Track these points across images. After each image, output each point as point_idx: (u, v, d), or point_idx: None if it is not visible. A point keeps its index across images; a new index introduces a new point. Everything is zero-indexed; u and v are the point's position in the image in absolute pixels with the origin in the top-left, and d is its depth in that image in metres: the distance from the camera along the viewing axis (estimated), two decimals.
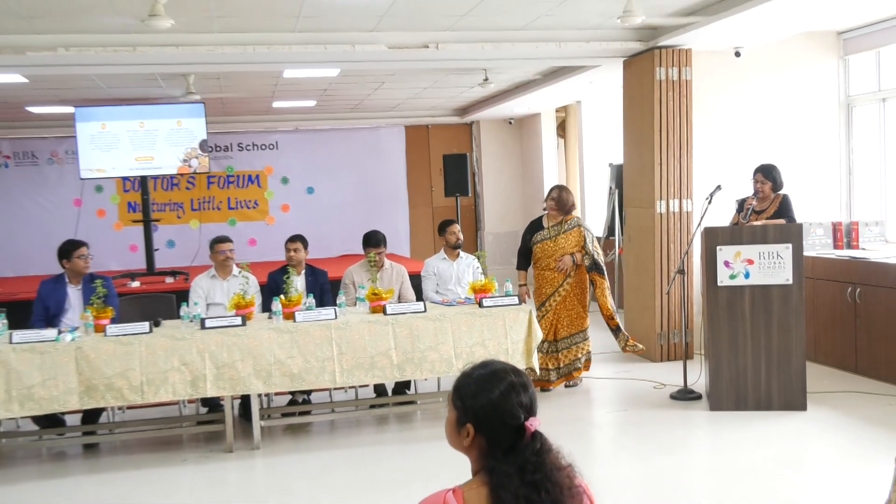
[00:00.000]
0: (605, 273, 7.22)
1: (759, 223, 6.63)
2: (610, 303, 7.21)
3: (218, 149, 13.85)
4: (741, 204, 6.97)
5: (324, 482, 5.24)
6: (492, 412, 1.94)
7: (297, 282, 6.66)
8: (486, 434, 1.95)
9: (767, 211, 6.92)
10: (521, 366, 6.19)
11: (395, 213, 14.68)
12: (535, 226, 7.38)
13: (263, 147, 14.30)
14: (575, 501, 1.98)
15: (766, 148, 8.26)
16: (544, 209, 7.38)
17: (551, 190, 7.40)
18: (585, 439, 6.06)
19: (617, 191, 10.52)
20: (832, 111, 8.75)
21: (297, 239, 6.92)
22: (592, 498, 2.06)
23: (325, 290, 6.88)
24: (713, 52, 8.28)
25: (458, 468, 2.11)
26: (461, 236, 7.44)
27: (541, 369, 6.98)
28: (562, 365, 7.17)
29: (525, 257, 7.40)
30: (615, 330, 7.31)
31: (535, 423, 1.95)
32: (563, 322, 7.16)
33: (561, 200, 7.21)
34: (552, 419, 6.41)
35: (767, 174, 6.93)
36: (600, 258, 7.20)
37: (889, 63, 8.27)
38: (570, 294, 7.16)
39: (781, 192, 6.97)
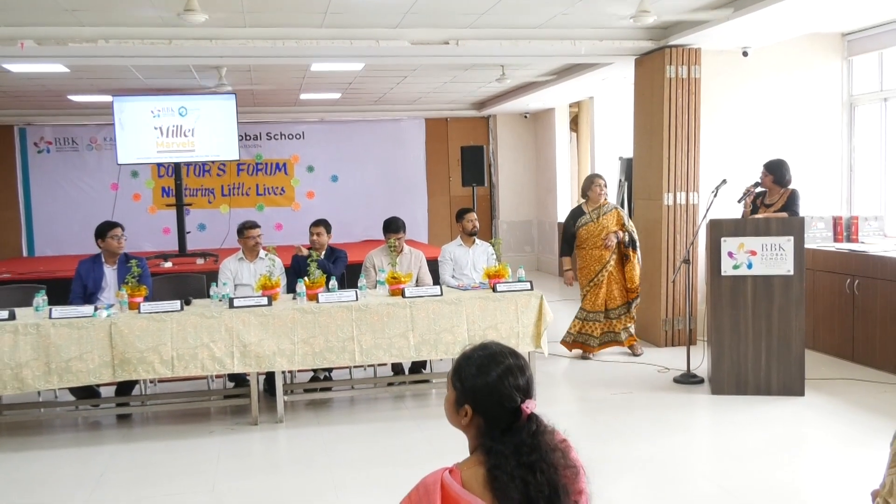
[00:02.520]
0: (638, 249, 7.68)
1: (762, 216, 6.58)
2: (637, 276, 7.65)
3: (248, 138, 13.88)
4: (746, 191, 6.87)
5: (343, 454, 5.26)
6: (489, 394, 1.92)
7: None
8: (483, 415, 1.93)
9: (776, 204, 6.86)
10: (531, 348, 6.20)
11: (415, 201, 14.69)
12: (577, 213, 7.67)
13: (291, 137, 14.33)
14: (570, 480, 1.96)
15: (771, 144, 8.19)
16: (584, 200, 7.71)
17: (598, 178, 7.68)
18: (591, 419, 6.05)
19: (626, 183, 10.49)
20: (835, 110, 8.67)
21: (321, 223, 6.94)
22: (585, 475, 2.06)
23: (339, 259, 6.91)
24: (721, 52, 8.21)
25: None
26: (477, 224, 7.43)
27: (585, 335, 7.63)
28: (603, 332, 7.61)
29: (569, 244, 7.68)
30: (629, 303, 7.64)
31: (530, 406, 1.94)
32: (614, 293, 7.54)
33: (606, 187, 7.70)
34: (559, 399, 6.42)
35: (770, 168, 6.88)
36: (636, 235, 7.65)
37: (891, 64, 8.19)
38: (615, 269, 7.57)
39: (791, 186, 6.90)
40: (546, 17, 7.29)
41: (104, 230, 6.46)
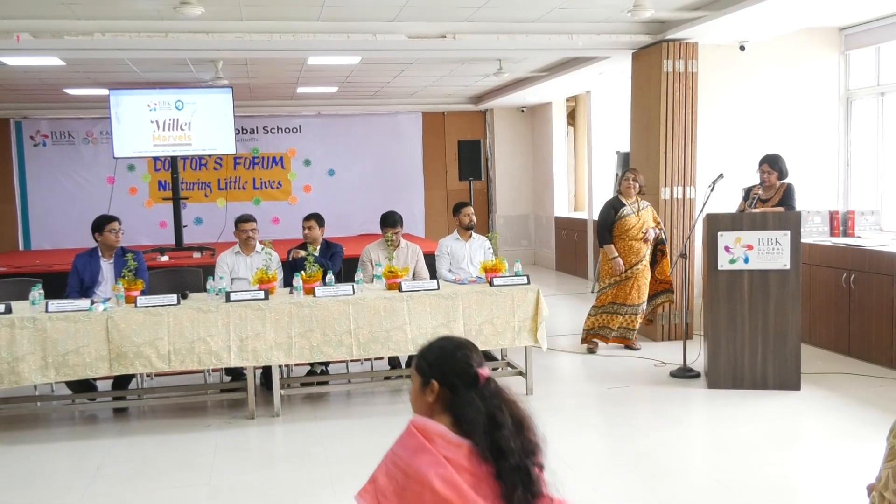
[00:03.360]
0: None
1: (758, 211, 6.59)
2: (668, 270, 7.68)
3: (244, 131, 13.86)
4: (748, 192, 6.92)
5: (339, 448, 5.26)
6: (453, 366, 2.18)
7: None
8: (449, 386, 2.16)
9: (772, 199, 6.87)
10: (529, 342, 6.20)
11: (412, 195, 14.69)
12: (617, 204, 7.61)
13: (287, 130, 14.31)
14: (531, 427, 2.20)
15: (768, 139, 8.19)
16: (619, 191, 7.71)
17: (633, 172, 7.65)
18: (588, 413, 6.06)
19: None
20: (832, 104, 8.66)
21: (312, 217, 6.96)
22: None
23: (336, 253, 6.92)
24: (718, 46, 8.20)
25: None
26: (474, 218, 7.42)
27: (603, 327, 7.65)
28: (621, 326, 7.62)
29: (610, 232, 7.58)
30: (663, 293, 7.73)
31: (486, 371, 2.19)
32: (641, 289, 7.56)
33: (643, 181, 7.65)
34: (556, 393, 6.43)
35: (773, 164, 6.89)
36: (664, 232, 7.76)
37: (888, 59, 8.18)
38: (646, 266, 7.58)
39: (786, 181, 6.92)
40: (543, 10, 7.28)
41: (102, 224, 6.44)
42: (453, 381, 2.16)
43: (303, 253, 6.76)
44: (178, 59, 8.92)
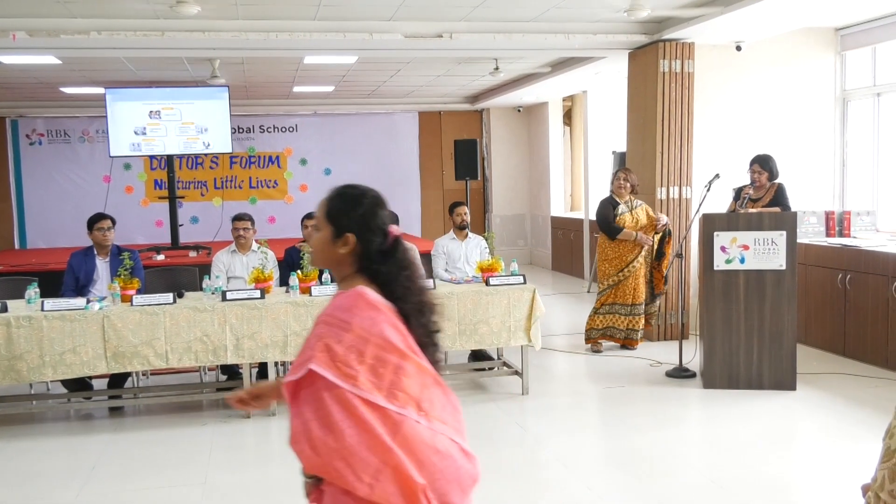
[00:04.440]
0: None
1: (754, 211, 6.60)
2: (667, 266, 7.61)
3: (241, 130, 13.85)
4: (738, 192, 6.93)
5: None
6: (370, 219, 2.14)
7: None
8: (364, 240, 2.13)
9: (763, 199, 6.89)
10: (523, 342, 6.21)
11: (408, 194, 14.67)
12: (613, 202, 7.59)
13: (283, 129, 14.29)
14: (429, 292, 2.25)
15: (764, 139, 8.20)
16: (612, 191, 7.66)
17: (625, 171, 7.64)
18: (584, 412, 6.06)
19: None
20: (828, 105, 8.67)
21: (313, 216, 6.88)
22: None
23: None
24: (715, 46, 8.21)
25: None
26: (467, 218, 7.39)
27: (609, 327, 7.62)
28: (627, 327, 7.59)
29: (614, 223, 7.49)
30: (658, 294, 7.70)
31: (396, 229, 2.19)
32: (640, 287, 7.55)
33: (635, 181, 7.64)
34: (551, 392, 6.42)
35: (764, 164, 6.90)
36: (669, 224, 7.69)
37: (884, 59, 8.19)
38: (643, 265, 7.55)
39: (777, 181, 6.94)
40: (540, 10, 7.28)
41: (91, 223, 6.45)
42: (370, 237, 2.13)
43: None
44: (174, 57, 8.91)
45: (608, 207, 7.55)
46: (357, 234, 2.13)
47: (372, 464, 1.88)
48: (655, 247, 7.55)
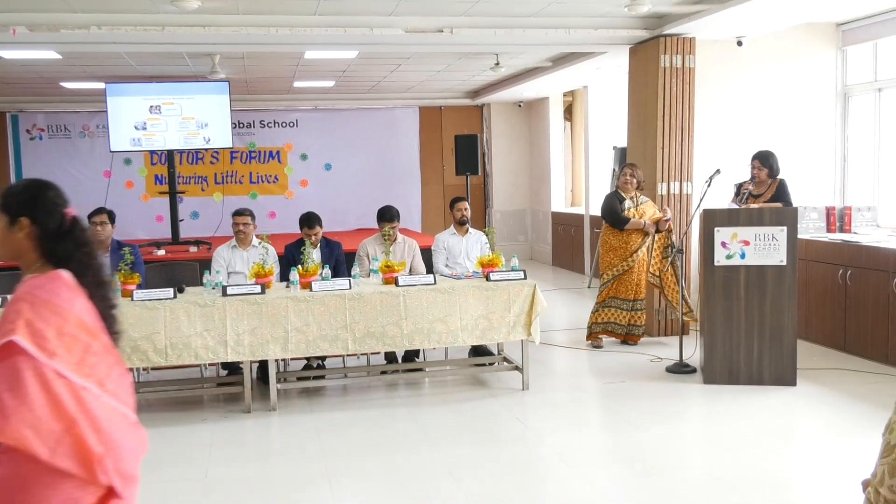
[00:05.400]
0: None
1: (758, 206, 6.60)
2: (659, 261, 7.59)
3: (241, 125, 13.83)
4: (739, 188, 6.93)
5: (336, 442, 5.26)
6: (45, 201, 2.27)
7: (314, 253, 6.66)
8: (40, 220, 2.24)
9: (765, 195, 6.88)
10: (523, 336, 6.21)
11: (409, 189, 14.67)
12: (618, 196, 7.58)
13: (284, 125, 14.28)
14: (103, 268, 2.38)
15: (765, 134, 8.19)
16: (617, 186, 7.68)
17: (631, 167, 7.65)
18: (584, 408, 6.07)
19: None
20: (829, 100, 8.67)
21: (315, 223, 6.80)
22: None
23: (339, 261, 6.86)
24: (716, 42, 8.19)
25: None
26: (467, 213, 7.39)
27: (610, 322, 7.60)
28: (628, 323, 7.57)
29: (621, 215, 7.47)
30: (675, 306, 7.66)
31: (73, 210, 2.31)
32: (642, 284, 7.55)
33: (641, 177, 7.65)
34: (551, 388, 6.43)
35: (764, 160, 6.90)
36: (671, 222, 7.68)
37: (886, 54, 8.18)
38: (645, 258, 7.52)
39: (778, 177, 6.93)
40: (540, 5, 7.26)
41: (87, 217, 6.43)
42: (46, 217, 2.24)
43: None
44: (174, 52, 8.90)
45: (614, 199, 7.54)
46: (30, 217, 2.24)
47: (56, 430, 2.05)
48: (647, 244, 7.50)
